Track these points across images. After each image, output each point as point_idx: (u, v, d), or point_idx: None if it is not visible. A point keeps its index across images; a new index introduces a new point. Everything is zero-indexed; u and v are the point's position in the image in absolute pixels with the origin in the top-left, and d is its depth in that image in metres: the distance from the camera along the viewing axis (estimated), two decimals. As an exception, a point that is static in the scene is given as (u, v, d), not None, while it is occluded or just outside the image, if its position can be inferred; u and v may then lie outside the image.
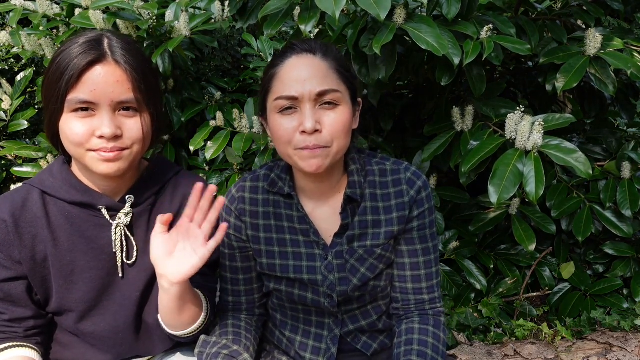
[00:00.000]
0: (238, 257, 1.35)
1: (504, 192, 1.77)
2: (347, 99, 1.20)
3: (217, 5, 2.90)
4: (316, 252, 1.29)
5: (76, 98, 1.09)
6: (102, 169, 1.15)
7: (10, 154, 2.72)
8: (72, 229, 1.23)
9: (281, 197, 1.31)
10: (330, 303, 1.31)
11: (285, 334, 1.41)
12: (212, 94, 3.10)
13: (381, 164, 1.32)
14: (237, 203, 1.32)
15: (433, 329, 1.29)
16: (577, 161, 1.76)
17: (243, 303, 1.37)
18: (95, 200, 1.22)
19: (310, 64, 1.17)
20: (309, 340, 1.38)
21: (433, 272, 1.33)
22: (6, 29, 3.08)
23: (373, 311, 1.37)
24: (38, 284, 1.24)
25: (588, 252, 2.72)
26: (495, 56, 1.93)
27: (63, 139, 1.15)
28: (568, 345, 2.29)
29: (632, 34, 2.28)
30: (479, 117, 2.20)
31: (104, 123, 1.11)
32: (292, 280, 1.31)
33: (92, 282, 1.25)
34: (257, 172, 1.36)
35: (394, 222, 1.28)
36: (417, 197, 1.29)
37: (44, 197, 1.22)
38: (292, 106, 1.16)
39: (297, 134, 1.16)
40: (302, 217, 1.29)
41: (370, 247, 1.28)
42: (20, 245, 1.19)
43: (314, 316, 1.37)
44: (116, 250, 1.25)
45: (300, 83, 1.15)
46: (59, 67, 1.10)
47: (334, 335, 1.36)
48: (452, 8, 1.84)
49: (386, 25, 1.69)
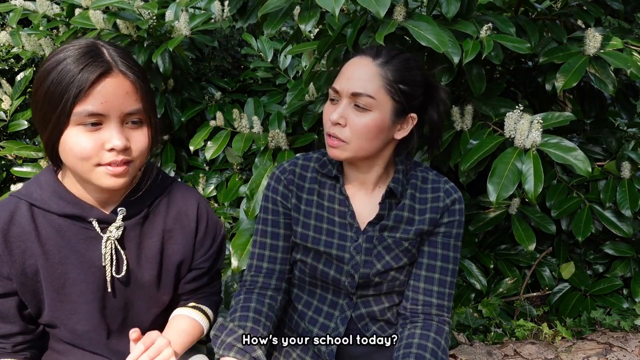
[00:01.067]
0: (282, 223, 1.41)
1: (503, 191, 1.78)
2: (386, 110, 1.25)
3: (217, 5, 2.90)
4: (348, 233, 1.37)
5: (85, 111, 1.05)
6: (109, 184, 1.12)
7: (10, 154, 2.72)
8: (62, 242, 1.20)
9: (328, 178, 1.40)
10: (350, 283, 1.37)
11: (298, 308, 1.46)
12: (212, 94, 3.10)
13: (424, 172, 1.41)
14: (288, 174, 1.41)
15: (434, 335, 1.31)
16: (576, 159, 1.76)
17: (276, 271, 1.41)
18: (86, 212, 1.19)
19: (362, 66, 1.25)
20: (319, 317, 1.43)
21: (447, 281, 1.37)
22: (6, 29, 3.09)
23: (386, 300, 1.41)
24: (29, 298, 1.21)
25: (588, 252, 2.72)
26: (495, 55, 1.94)
27: (66, 153, 1.10)
28: (568, 345, 2.29)
29: (632, 33, 2.28)
30: (479, 117, 2.20)
31: (115, 136, 1.08)
32: (319, 254, 1.37)
33: (84, 295, 1.24)
34: (310, 154, 1.45)
35: (426, 221, 1.35)
36: (451, 206, 1.37)
37: (32, 209, 1.18)
38: (336, 97, 1.28)
39: (329, 120, 1.28)
40: (343, 199, 1.38)
41: (398, 239, 1.35)
42: (10, 261, 1.16)
43: (330, 294, 1.42)
44: (105, 264, 1.22)
45: (345, 79, 1.26)
46: (60, 80, 1.05)
47: (345, 316, 1.41)
48: (452, 7, 1.84)
49: (386, 22, 1.69)
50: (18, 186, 2.51)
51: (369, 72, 1.24)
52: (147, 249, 1.28)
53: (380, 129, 1.26)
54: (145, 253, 1.28)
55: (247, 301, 1.36)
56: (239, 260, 2.02)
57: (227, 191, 2.64)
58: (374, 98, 1.23)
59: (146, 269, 1.29)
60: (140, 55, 2.60)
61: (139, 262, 1.28)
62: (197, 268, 1.36)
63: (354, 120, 1.24)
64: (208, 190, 2.79)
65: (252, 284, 1.41)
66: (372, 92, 1.23)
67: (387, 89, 1.24)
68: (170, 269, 1.32)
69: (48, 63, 1.08)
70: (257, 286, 1.40)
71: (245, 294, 1.39)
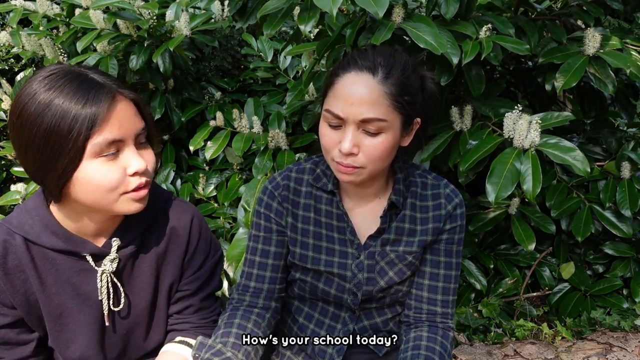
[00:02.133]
0: (274, 241, 1.35)
1: (502, 191, 1.78)
2: (397, 125, 1.17)
3: (217, 5, 2.90)
4: (349, 250, 1.32)
5: (106, 140, 1.00)
6: (133, 209, 1.09)
7: (10, 154, 2.73)
8: (57, 274, 1.16)
9: (324, 192, 1.33)
10: (353, 300, 1.33)
11: (299, 320, 1.42)
12: (212, 94, 3.11)
13: (423, 176, 1.35)
14: (282, 189, 1.33)
15: (441, 339, 1.30)
16: (575, 159, 1.76)
17: (263, 290, 1.35)
18: (79, 247, 1.15)
19: (364, 85, 1.13)
20: (321, 330, 1.40)
21: (450, 288, 1.35)
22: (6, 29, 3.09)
23: (389, 311, 1.39)
24: (36, 324, 1.20)
25: (588, 252, 2.72)
26: (494, 56, 1.93)
27: (85, 187, 1.04)
28: (568, 345, 2.29)
29: (632, 33, 2.28)
30: (478, 117, 2.20)
31: (135, 157, 1.05)
32: (319, 273, 1.33)
33: (82, 326, 1.21)
34: (302, 164, 1.37)
35: (429, 232, 1.31)
36: (453, 212, 1.32)
37: (27, 242, 1.13)
38: (338, 123, 1.16)
39: (336, 149, 1.17)
40: (341, 214, 1.32)
41: (402, 253, 1.31)
42: (12, 291, 1.14)
43: (332, 307, 1.39)
44: (102, 298, 1.18)
45: (348, 104, 1.13)
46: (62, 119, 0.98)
47: (347, 329, 1.38)
48: (450, 8, 1.84)
49: (384, 23, 1.69)
50: (18, 186, 2.52)
51: (373, 92, 1.12)
52: (142, 276, 1.24)
53: (393, 147, 1.19)
54: (140, 280, 1.24)
55: (232, 317, 1.30)
56: (234, 272, 1.98)
57: (227, 191, 2.64)
58: (385, 120, 1.13)
59: (142, 295, 1.25)
60: (141, 55, 2.60)
61: (134, 290, 1.24)
62: (182, 290, 1.29)
63: (368, 146, 1.15)
64: (208, 190, 2.79)
65: (239, 302, 1.35)
66: (382, 115, 1.13)
67: (395, 106, 1.14)
68: (163, 292, 1.28)
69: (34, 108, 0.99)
70: (243, 304, 1.34)
71: (231, 311, 1.33)
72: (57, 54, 2.81)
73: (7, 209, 2.60)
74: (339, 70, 1.18)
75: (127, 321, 1.25)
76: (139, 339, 1.29)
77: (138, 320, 1.26)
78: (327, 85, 1.21)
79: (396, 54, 1.19)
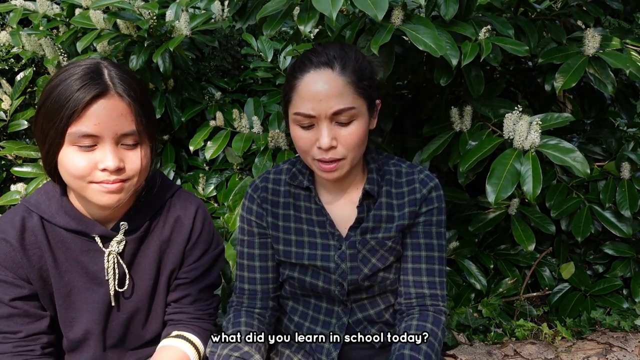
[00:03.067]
0: (256, 243, 1.40)
1: (502, 192, 1.78)
2: (364, 111, 1.24)
3: (217, 5, 2.90)
4: (331, 242, 1.36)
5: (79, 131, 1.08)
6: (104, 201, 1.15)
7: (10, 154, 2.72)
8: (68, 253, 1.24)
9: (301, 189, 1.39)
10: (340, 291, 1.36)
11: (294, 320, 1.45)
12: (212, 94, 3.10)
13: (397, 165, 1.40)
14: (260, 191, 1.39)
15: (431, 326, 1.31)
16: (575, 160, 1.75)
17: (258, 292, 1.40)
18: (89, 228, 1.23)
19: (327, 81, 1.19)
20: (317, 326, 1.43)
21: (435, 269, 1.37)
22: (6, 29, 3.09)
23: (381, 302, 1.41)
24: (47, 302, 1.26)
25: (588, 252, 2.72)
26: (494, 57, 1.93)
27: (62, 171, 1.13)
28: (568, 345, 2.29)
29: (632, 34, 2.27)
30: (478, 117, 2.20)
31: (108, 156, 1.11)
32: (305, 267, 1.37)
33: (88, 303, 1.27)
34: (280, 166, 1.43)
35: (405, 216, 1.35)
36: (428, 195, 1.36)
37: (43, 221, 1.22)
38: (310, 123, 1.22)
39: (314, 147, 1.23)
40: (319, 209, 1.37)
41: (381, 239, 1.34)
42: (29, 266, 1.21)
43: (324, 303, 1.42)
44: (108, 278, 1.26)
45: (317, 101, 1.19)
46: (59, 99, 1.07)
47: (342, 323, 1.41)
48: (450, 9, 1.84)
49: (384, 26, 1.69)
50: (18, 186, 2.51)
51: (337, 85, 1.19)
52: (145, 261, 1.30)
53: (366, 131, 1.26)
54: (144, 264, 1.30)
55: (237, 317, 1.36)
56: (231, 271, 2.01)
57: (227, 191, 2.64)
58: (354, 107, 1.20)
59: (145, 280, 1.31)
60: (141, 55, 2.60)
61: (138, 274, 1.30)
62: (181, 277, 1.35)
63: (344, 136, 1.22)
64: (208, 190, 2.79)
65: (239, 304, 1.41)
66: (350, 103, 1.20)
67: (358, 92, 1.21)
68: (164, 279, 1.33)
69: (53, 81, 1.11)
70: (243, 307, 1.40)
71: (234, 312, 1.39)
72: (57, 54, 2.80)
73: (7, 209, 2.60)
74: (296, 72, 1.23)
75: (130, 304, 1.31)
76: (138, 325, 1.34)
77: (139, 305, 1.32)
78: (288, 90, 1.26)
79: (345, 47, 1.26)
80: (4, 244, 1.19)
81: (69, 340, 1.29)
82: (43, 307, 1.26)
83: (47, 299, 1.25)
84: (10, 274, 1.20)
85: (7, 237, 1.20)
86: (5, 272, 1.20)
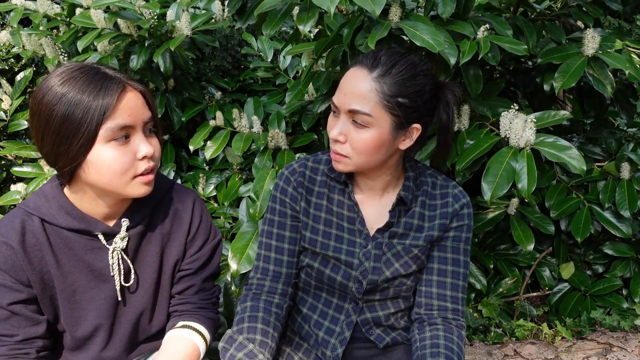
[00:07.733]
0: (288, 225, 1.39)
1: (498, 189, 1.79)
2: (385, 125, 1.20)
3: (217, 5, 2.91)
4: (357, 240, 1.36)
5: (117, 125, 1.10)
6: (141, 192, 1.18)
7: (10, 154, 2.73)
8: (71, 253, 1.24)
9: (337, 183, 1.38)
10: (357, 289, 1.36)
11: (302, 311, 1.45)
12: (212, 94, 3.11)
13: (433, 176, 1.40)
14: (298, 175, 1.39)
15: (457, 340, 1.32)
16: (571, 157, 1.75)
17: (282, 274, 1.39)
18: (92, 227, 1.23)
19: (359, 80, 1.20)
20: (325, 320, 1.43)
21: (459, 285, 1.38)
22: (6, 28, 3.10)
23: (392, 305, 1.41)
24: (47, 305, 1.25)
25: (588, 253, 2.72)
26: (492, 56, 1.93)
27: (97, 170, 1.13)
28: (568, 345, 2.29)
29: (631, 35, 2.27)
30: (477, 117, 2.20)
31: (143, 143, 1.15)
32: (327, 259, 1.36)
33: (93, 301, 1.28)
34: (319, 155, 1.43)
35: (435, 227, 1.35)
36: (460, 211, 1.36)
37: (43, 223, 1.22)
38: (337, 112, 1.25)
39: (331, 134, 1.26)
40: (352, 205, 1.37)
41: (408, 246, 1.34)
42: (30, 269, 1.21)
43: (335, 298, 1.42)
44: (114, 274, 1.27)
45: (343, 94, 1.22)
46: (78, 104, 1.07)
47: (350, 320, 1.41)
48: (447, 7, 1.84)
49: (381, 22, 1.69)
50: (18, 186, 2.52)
51: (365, 87, 1.18)
52: (149, 254, 1.31)
53: (379, 145, 1.22)
54: (147, 258, 1.31)
55: (254, 310, 1.34)
56: (238, 263, 2.00)
57: (227, 191, 2.65)
58: (370, 115, 1.18)
59: (149, 273, 1.32)
60: (141, 55, 2.61)
61: (142, 269, 1.31)
62: (184, 269, 1.36)
63: (353, 136, 1.21)
64: (208, 190, 2.80)
65: (259, 287, 1.39)
66: (368, 109, 1.18)
67: (384, 105, 1.18)
68: (167, 271, 1.34)
69: (52, 97, 1.09)
70: (263, 291, 1.38)
71: (252, 301, 1.37)
72: (58, 53, 2.81)
73: (7, 209, 2.61)
74: (349, 65, 1.27)
75: (136, 298, 1.32)
76: (145, 319, 1.35)
77: (145, 299, 1.33)
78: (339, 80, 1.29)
79: (405, 57, 1.23)
80: (5, 247, 1.19)
81: (76, 338, 1.29)
82: (41, 311, 1.26)
83: (47, 301, 1.25)
84: (10, 278, 1.20)
85: (8, 240, 1.19)
86: (5, 276, 1.19)
